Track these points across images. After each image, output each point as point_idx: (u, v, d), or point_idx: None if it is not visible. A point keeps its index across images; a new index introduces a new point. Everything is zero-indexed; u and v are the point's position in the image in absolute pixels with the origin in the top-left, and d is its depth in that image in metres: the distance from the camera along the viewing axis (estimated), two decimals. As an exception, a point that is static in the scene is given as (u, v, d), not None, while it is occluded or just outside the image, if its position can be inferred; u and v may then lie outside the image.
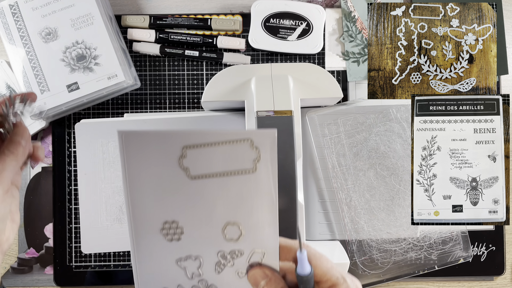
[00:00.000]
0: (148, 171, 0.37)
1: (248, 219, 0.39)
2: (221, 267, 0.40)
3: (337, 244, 0.62)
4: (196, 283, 0.40)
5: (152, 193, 0.38)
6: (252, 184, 0.38)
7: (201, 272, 0.40)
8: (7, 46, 0.61)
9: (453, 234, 0.64)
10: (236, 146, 0.37)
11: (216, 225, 0.39)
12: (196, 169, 0.37)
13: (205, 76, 0.66)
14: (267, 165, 0.37)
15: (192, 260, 0.40)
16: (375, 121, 0.63)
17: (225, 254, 0.40)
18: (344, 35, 0.66)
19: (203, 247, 0.39)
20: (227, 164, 0.37)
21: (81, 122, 0.61)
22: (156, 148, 0.37)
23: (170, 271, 0.40)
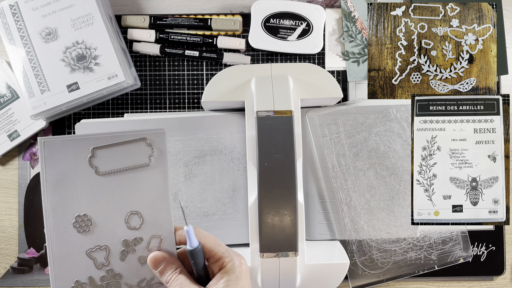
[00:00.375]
0: (62, 171, 0.44)
1: (146, 208, 0.45)
2: (125, 254, 0.45)
3: (337, 244, 0.62)
4: (104, 272, 0.45)
5: (66, 190, 0.44)
6: (148, 176, 0.45)
7: (109, 261, 0.44)
8: (7, 46, 0.61)
9: (453, 234, 0.64)
10: (133, 144, 0.44)
11: (120, 215, 0.44)
12: (103, 166, 0.44)
13: (205, 76, 0.66)
14: (159, 159, 0.45)
15: (100, 249, 0.45)
16: (375, 121, 0.63)
17: (128, 242, 0.45)
18: (344, 35, 0.66)
19: (109, 237, 0.44)
20: (128, 160, 0.44)
21: (81, 122, 0.61)
22: (69, 151, 0.44)
23: (81, 263, 0.44)
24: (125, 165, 0.45)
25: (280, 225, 0.53)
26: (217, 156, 0.62)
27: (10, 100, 0.64)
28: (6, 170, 0.67)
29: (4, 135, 0.64)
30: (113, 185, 0.44)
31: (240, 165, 0.62)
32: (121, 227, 0.45)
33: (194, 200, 0.61)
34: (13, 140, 0.64)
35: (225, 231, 0.61)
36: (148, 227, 0.45)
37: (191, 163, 0.62)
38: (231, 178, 0.62)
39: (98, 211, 0.44)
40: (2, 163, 0.67)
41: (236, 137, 0.62)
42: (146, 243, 0.45)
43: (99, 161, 0.44)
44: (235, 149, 0.62)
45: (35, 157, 0.67)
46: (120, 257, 0.45)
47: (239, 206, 0.62)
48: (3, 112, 0.64)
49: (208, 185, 0.62)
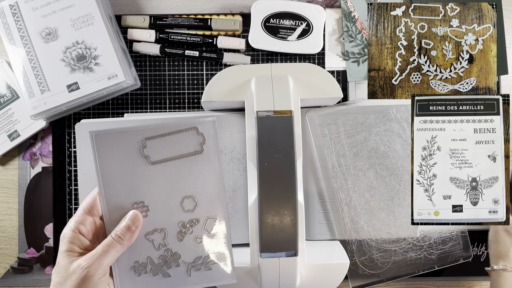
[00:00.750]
0: (116, 162, 0.46)
1: (201, 192, 0.48)
2: (182, 235, 0.47)
3: (337, 244, 0.62)
4: (163, 252, 0.47)
5: (120, 180, 0.46)
6: (201, 163, 0.47)
7: (167, 242, 0.47)
8: (7, 46, 0.61)
9: (453, 234, 0.64)
10: (185, 134, 0.47)
11: (175, 200, 0.47)
12: (155, 156, 0.47)
13: (205, 76, 0.66)
14: (211, 146, 0.47)
15: (158, 232, 0.48)
16: (375, 121, 0.63)
17: (185, 223, 0.47)
18: (344, 35, 0.66)
19: (166, 220, 0.47)
20: (180, 149, 0.47)
21: (81, 122, 0.61)
22: (120, 143, 0.46)
23: (140, 245, 0.47)
24: (177, 153, 0.47)
25: (280, 225, 0.53)
26: (217, 156, 0.62)
27: (10, 100, 0.64)
28: (6, 170, 0.67)
29: (4, 135, 0.64)
30: (167, 173, 0.47)
31: (240, 165, 0.62)
32: (177, 210, 0.47)
33: (194, 200, 0.61)
34: (13, 140, 0.64)
35: (225, 231, 0.61)
36: (203, 209, 0.48)
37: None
38: (231, 178, 0.62)
39: (153, 198, 0.47)
40: (2, 163, 0.67)
41: (236, 137, 0.62)
42: (202, 224, 0.48)
43: (151, 151, 0.47)
44: (235, 149, 0.62)
45: (35, 157, 0.67)
46: (178, 238, 0.47)
47: (239, 206, 0.62)
48: (3, 112, 0.64)
49: (208, 185, 0.62)
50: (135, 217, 0.46)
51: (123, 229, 0.45)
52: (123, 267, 0.47)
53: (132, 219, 0.46)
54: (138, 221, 0.46)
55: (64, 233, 0.45)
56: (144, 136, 0.46)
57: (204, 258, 0.48)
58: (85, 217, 0.46)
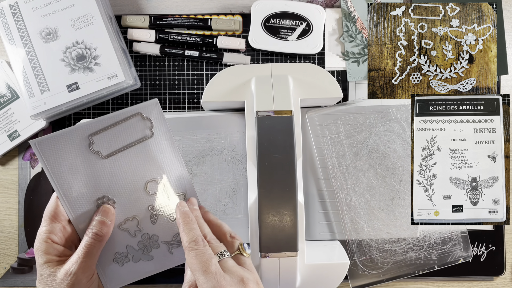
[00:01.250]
0: (68, 164, 0.46)
1: (162, 172, 0.47)
2: (154, 218, 0.48)
3: (337, 244, 0.62)
4: (140, 238, 0.48)
5: (77, 181, 0.46)
6: (155, 146, 0.47)
7: (141, 228, 0.47)
8: (7, 46, 0.61)
9: (453, 234, 0.64)
10: (130, 121, 0.46)
11: (138, 186, 0.47)
12: (105, 150, 0.46)
13: (205, 76, 0.66)
14: (160, 128, 0.47)
15: (130, 221, 0.47)
16: (375, 121, 0.63)
17: (154, 206, 0.48)
18: (344, 35, 0.66)
19: (135, 208, 0.47)
20: (129, 137, 0.47)
21: (81, 122, 0.61)
22: (67, 144, 0.46)
23: (116, 237, 0.47)
24: (128, 141, 0.47)
25: (280, 225, 0.53)
26: (217, 156, 0.62)
27: (10, 100, 0.64)
28: (6, 170, 0.67)
29: (4, 135, 0.64)
30: (123, 162, 0.47)
31: (240, 165, 0.62)
32: (143, 196, 0.47)
33: (194, 200, 0.61)
34: (13, 140, 0.64)
35: (225, 231, 0.61)
36: (168, 188, 0.48)
37: (191, 163, 0.62)
38: (231, 178, 0.62)
39: (116, 189, 0.47)
40: (2, 163, 0.67)
41: (236, 137, 0.62)
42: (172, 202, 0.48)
43: (100, 146, 0.46)
44: (235, 149, 0.62)
45: (35, 157, 0.67)
46: (151, 221, 0.48)
47: (239, 206, 0.62)
48: (3, 112, 0.64)
49: (208, 185, 0.62)
50: (106, 211, 0.46)
51: (98, 225, 0.45)
52: (105, 262, 0.47)
53: (105, 213, 0.46)
54: (110, 213, 0.46)
55: (37, 246, 0.44)
56: (89, 133, 0.46)
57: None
58: (52, 225, 0.45)
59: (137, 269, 0.48)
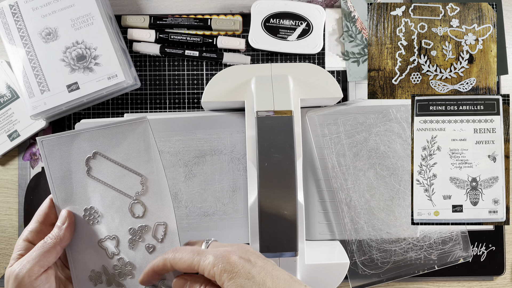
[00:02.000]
0: (66, 168, 0.46)
1: (148, 196, 0.47)
2: (133, 243, 0.47)
3: (337, 244, 0.62)
4: (116, 261, 0.47)
5: (71, 185, 0.46)
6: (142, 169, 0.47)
7: (119, 250, 0.47)
8: (7, 46, 0.61)
9: (453, 234, 0.64)
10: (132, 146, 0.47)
11: (124, 205, 0.47)
12: (97, 172, 0.47)
13: (205, 76, 0.66)
14: (148, 151, 0.47)
15: (110, 239, 0.47)
16: (375, 121, 0.63)
17: (135, 230, 0.47)
18: (344, 35, 0.66)
19: (118, 227, 0.47)
20: (126, 159, 0.47)
21: (81, 122, 0.61)
22: (70, 147, 0.46)
23: (95, 253, 0.47)
24: (123, 162, 0.47)
25: (280, 225, 0.53)
26: (217, 156, 0.62)
27: (10, 100, 0.64)
28: (6, 170, 0.67)
29: (4, 135, 0.64)
30: (113, 178, 0.47)
31: (240, 165, 0.62)
32: (127, 216, 0.47)
33: (194, 200, 0.61)
34: (13, 140, 0.64)
35: (225, 231, 0.61)
36: (151, 214, 0.47)
37: (191, 163, 0.62)
38: (231, 178, 0.62)
39: (104, 203, 0.47)
40: (2, 163, 0.67)
41: (236, 137, 0.62)
42: (152, 231, 0.47)
43: (97, 164, 0.47)
44: (235, 149, 0.62)
45: (35, 157, 0.67)
46: (129, 246, 0.47)
47: (239, 206, 0.62)
48: (3, 112, 0.64)
49: (208, 185, 0.62)
50: (61, 216, 0.46)
51: (53, 230, 0.45)
52: (81, 277, 0.47)
53: (61, 219, 0.46)
54: (65, 218, 0.45)
55: (16, 244, 0.45)
56: (95, 149, 0.47)
57: None
58: (37, 226, 0.45)
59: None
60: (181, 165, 0.61)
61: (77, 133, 0.46)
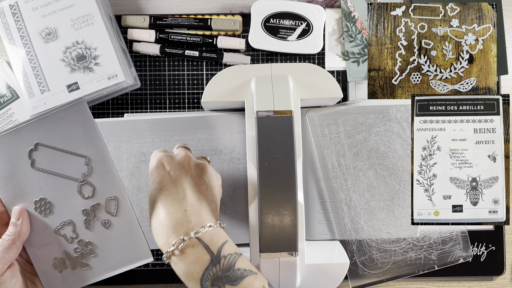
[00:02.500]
0: (9, 165, 0.47)
1: (93, 175, 0.48)
2: (88, 223, 0.48)
3: (337, 244, 0.62)
4: (76, 244, 0.48)
5: (17, 181, 0.47)
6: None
7: (77, 233, 0.48)
8: (7, 46, 0.61)
9: (453, 234, 0.64)
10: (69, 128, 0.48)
11: (72, 189, 0.48)
12: (41, 162, 0.48)
13: (205, 76, 0.66)
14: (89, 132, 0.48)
15: (66, 225, 0.47)
16: (375, 121, 0.63)
17: (87, 210, 0.48)
18: (344, 35, 0.66)
19: (70, 211, 0.48)
20: (66, 145, 0.48)
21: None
22: (11, 145, 0.47)
23: (53, 241, 0.48)
24: (64, 147, 0.48)
25: (280, 225, 0.53)
26: (217, 156, 0.62)
27: (10, 100, 0.64)
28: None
29: (4, 135, 0.64)
30: (57, 166, 0.48)
31: (240, 165, 0.62)
32: (78, 199, 0.48)
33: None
34: (13, 140, 0.64)
35: (225, 231, 0.61)
36: (101, 192, 0.48)
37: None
38: (231, 178, 0.62)
39: (52, 192, 0.47)
40: (2, 163, 0.66)
41: (236, 137, 0.62)
42: (105, 207, 0.48)
43: (40, 155, 0.48)
44: (235, 149, 0.62)
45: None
46: (85, 227, 0.48)
47: (239, 206, 0.62)
48: (3, 112, 0.64)
49: (208, 185, 0.61)
50: (15, 212, 0.47)
51: (9, 228, 0.46)
52: (45, 266, 0.48)
53: (14, 215, 0.46)
54: (19, 214, 0.46)
55: None
56: (36, 140, 0.47)
57: (117, 240, 0.48)
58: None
59: (75, 277, 0.48)
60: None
61: (16, 129, 0.47)
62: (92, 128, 0.48)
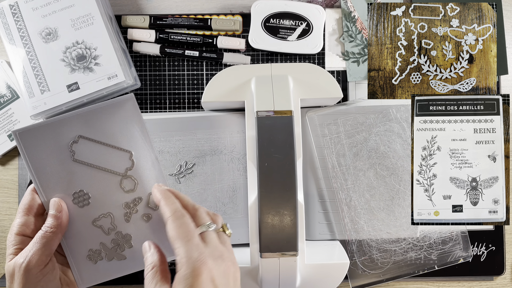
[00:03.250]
0: (47, 156, 0.46)
1: (137, 170, 0.48)
2: (128, 216, 0.48)
3: (337, 244, 0.62)
4: (114, 236, 0.48)
5: (55, 174, 0.47)
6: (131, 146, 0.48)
7: (115, 225, 0.48)
8: (7, 46, 0.61)
9: (453, 234, 0.64)
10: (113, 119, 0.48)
11: (114, 183, 0.48)
12: (81, 155, 0.47)
13: (205, 76, 0.66)
14: (137, 126, 0.48)
15: (104, 217, 0.47)
16: (375, 121, 0.63)
17: (128, 204, 0.48)
18: (344, 35, 0.66)
19: (110, 204, 0.48)
20: (109, 138, 0.48)
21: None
22: (48, 135, 0.46)
23: (90, 233, 0.47)
24: (107, 141, 0.48)
25: (280, 225, 0.53)
26: (217, 156, 0.62)
27: (10, 100, 0.64)
28: (6, 170, 0.67)
29: (4, 135, 0.64)
30: (99, 159, 0.48)
31: (240, 165, 0.62)
32: (118, 193, 0.48)
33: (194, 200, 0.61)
34: (13, 140, 0.64)
35: (225, 231, 0.61)
36: (143, 186, 0.48)
37: (191, 163, 0.62)
38: (231, 178, 0.62)
39: (91, 184, 0.47)
40: (2, 163, 0.67)
41: (236, 137, 0.62)
42: (145, 201, 0.48)
43: (82, 148, 0.47)
44: (235, 149, 0.62)
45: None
46: (125, 219, 0.48)
47: (239, 206, 0.62)
48: (3, 112, 0.64)
49: (208, 185, 0.62)
50: (55, 204, 0.46)
51: (49, 220, 0.45)
52: (79, 258, 0.47)
53: (55, 207, 0.46)
54: (59, 206, 0.46)
55: (9, 239, 0.45)
56: (76, 134, 0.47)
57: (156, 233, 0.48)
58: (26, 218, 0.45)
59: (110, 268, 0.48)
60: (181, 165, 0.62)
61: (58, 120, 0.47)
62: (139, 123, 0.48)
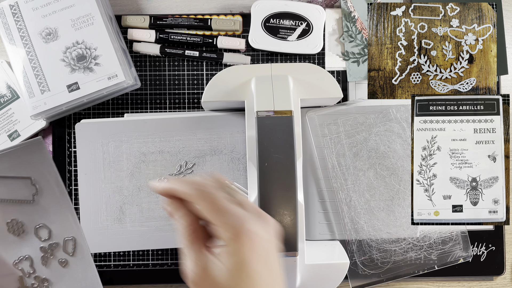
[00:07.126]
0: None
1: (50, 219, 0.48)
2: (45, 260, 0.48)
3: (337, 244, 0.62)
4: (33, 280, 0.48)
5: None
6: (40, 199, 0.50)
7: (34, 269, 0.48)
8: (7, 46, 0.61)
9: (453, 234, 0.64)
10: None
11: (29, 229, 0.49)
12: None
13: (205, 76, 0.66)
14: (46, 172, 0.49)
15: (24, 260, 0.48)
16: (375, 121, 0.63)
17: (45, 248, 0.48)
18: (344, 35, 0.66)
19: (29, 247, 0.48)
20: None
21: (81, 122, 0.61)
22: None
23: (11, 274, 0.47)
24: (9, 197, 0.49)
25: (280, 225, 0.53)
26: (217, 156, 0.62)
27: (10, 100, 0.64)
28: None
29: (4, 135, 0.64)
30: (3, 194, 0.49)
31: (240, 165, 0.62)
32: (34, 240, 0.49)
33: (194, 200, 0.61)
34: (13, 140, 0.64)
35: (225, 231, 0.61)
36: (58, 233, 0.49)
37: (191, 163, 0.62)
38: (231, 178, 0.62)
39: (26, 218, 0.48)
40: None
41: (236, 137, 0.62)
42: (62, 246, 0.49)
43: None
44: (235, 149, 0.62)
45: (35, 157, 0.66)
46: (42, 263, 0.49)
47: (239, 206, 0.62)
48: (3, 112, 0.64)
49: (208, 185, 0.61)
50: None
51: None
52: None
53: None
54: None
55: None
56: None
57: (72, 280, 0.48)
58: None
59: None
60: (181, 165, 0.62)
61: None
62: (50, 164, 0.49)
